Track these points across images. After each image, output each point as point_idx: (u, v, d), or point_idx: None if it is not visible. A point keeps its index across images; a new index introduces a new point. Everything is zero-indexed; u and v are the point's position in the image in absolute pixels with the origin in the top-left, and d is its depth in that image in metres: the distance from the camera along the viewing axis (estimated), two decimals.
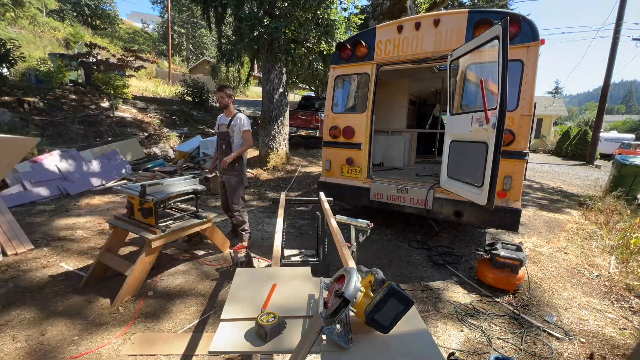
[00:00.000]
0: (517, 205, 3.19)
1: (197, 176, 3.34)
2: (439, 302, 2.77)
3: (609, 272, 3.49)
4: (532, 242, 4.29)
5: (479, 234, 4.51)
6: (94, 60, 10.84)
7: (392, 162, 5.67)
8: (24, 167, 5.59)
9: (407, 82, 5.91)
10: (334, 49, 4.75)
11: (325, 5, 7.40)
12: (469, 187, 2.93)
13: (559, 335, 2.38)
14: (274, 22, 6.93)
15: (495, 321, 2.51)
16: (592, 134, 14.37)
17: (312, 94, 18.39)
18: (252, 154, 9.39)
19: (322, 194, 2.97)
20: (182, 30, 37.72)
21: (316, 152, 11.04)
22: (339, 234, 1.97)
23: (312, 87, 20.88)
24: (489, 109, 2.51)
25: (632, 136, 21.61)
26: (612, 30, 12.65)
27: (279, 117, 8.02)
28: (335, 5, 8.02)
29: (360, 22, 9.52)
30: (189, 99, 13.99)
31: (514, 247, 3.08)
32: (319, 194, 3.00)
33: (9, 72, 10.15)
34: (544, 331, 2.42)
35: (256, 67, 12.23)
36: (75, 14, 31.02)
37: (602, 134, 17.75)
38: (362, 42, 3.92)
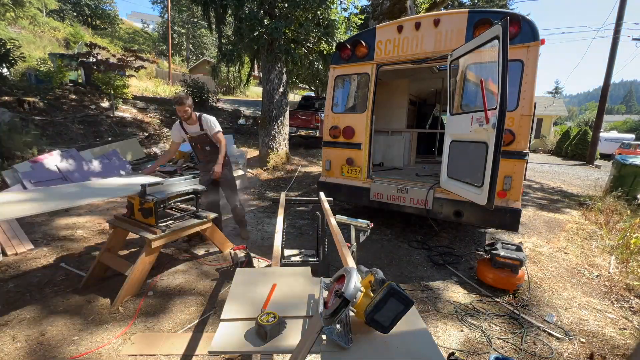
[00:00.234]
0: (517, 205, 3.19)
1: (197, 176, 3.34)
2: (439, 302, 2.77)
3: (609, 272, 3.49)
4: (532, 242, 4.29)
5: (479, 234, 4.51)
6: (94, 60, 10.85)
7: (392, 162, 5.67)
8: (24, 167, 5.59)
9: (407, 82, 5.91)
10: (334, 49, 4.75)
11: (325, 5, 7.40)
12: (469, 187, 2.93)
13: (559, 335, 2.38)
14: (274, 22, 6.93)
15: (495, 321, 2.51)
16: (592, 134, 14.37)
17: (312, 94, 18.39)
18: (252, 153, 9.39)
19: (322, 194, 2.96)
20: (182, 30, 37.72)
21: (316, 152, 11.04)
22: (339, 234, 1.96)
23: (312, 87, 20.89)
24: (489, 109, 2.51)
25: (632, 136, 21.61)
26: (612, 30, 12.66)
27: (279, 117, 8.02)
28: (335, 5, 8.02)
29: (360, 22, 9.53)
30: None
31: (514, 247, 3.08)
32: (319, 194, 3.00)
33: (9, 72, 10.16)
34: (544, 331, 2.42)
35: (256, 67, 12.24)
36: (75, 14, 31.03)
37: (602, 134, 17.75)
38: (362, 42, 3.91)
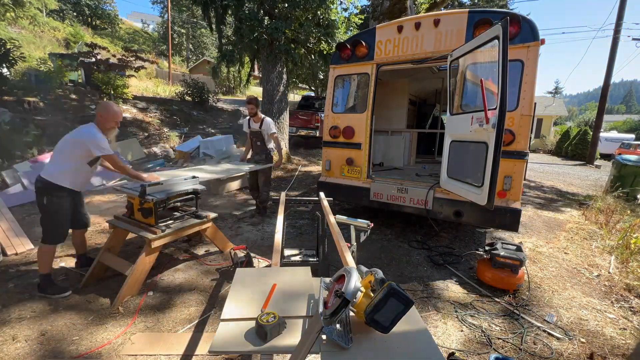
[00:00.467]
0: (517, 205, 3.19)
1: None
2: (439, 302, 2.77)
3: (609, 272, 3.49)
4: (532, 242, 4.29)
5: (479, 234, 4.51)
6: (94, 60, 10.84)
7: (392, 162, 5.67)
8: (24, 166, 5.59)
9: (407, 82, 5.91)
10: (334, 49, 4.75)
11: (325, 5, 7.40)
12: (469, 187, 2.93)
13: (559, 335, 2.38)
14: (274, 22, 6.94)
15: (495, 321, 2.51)
16: (592, 134, 14.37)
17: (312, 94, 18.39)
18: None
19: (322, 194, 2.96)
20: (182, 30, 37.70)
21: (316, 152, 11.04)
22: (339, 233, 1.96)
23: (312, 87, 20.89)
24: (489, 109, 2.51)
25: (632, 136, 21.60)
26: (612, 30, 12.67)
27: (279, 117, 8.03)
28: (335, 5, 8.02)
29: (360, 22, 9.53)
30: (189, 99, 13.98)
31: (514, 247, 3.08)
32: (318, 194, 3.00)
33: (9, 72, 10.14)
34: (544, 331, 2.42)
35: (256, 67, 12.24)
36: (75, 14, 31.00)
37: (602, 134, 17.73)
38: (362, 42, 3.91)
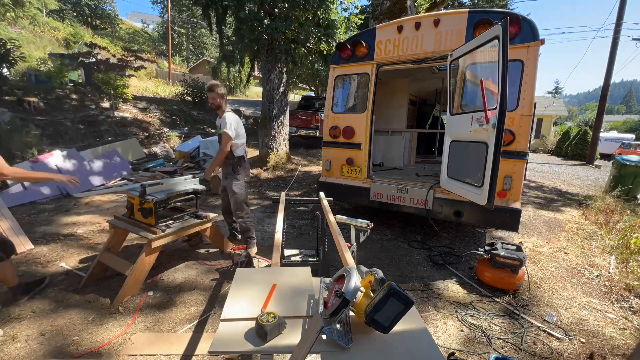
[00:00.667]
0: (517, 205, 3.19)
1: (197, 176, 3.34)
2: (439, 302, 2.77)
3: (609, 272, 3.49)
4: (532, 242, 4.29)
5: (479, 234, 4.51)
6: (94, 60, 10.85)
7: (392, 162, 5.67)
8: (24, 167, 5.59)
9: (407, 82, 5.91)
10: (334, 49, 4.75)
11: (325, 5, 7.39)
12: (469, 187, 2.93)
13: (559, 335, 2.38)
14: (274, 22, 6.93)
15: (495, 321, 2.51)
16: (592, 134, 14.35)
17: (312, 94, 18.40)
18: (252, 153, 9.39)
19: (322, 194, 2.96)
20: (182, 30, 37.72)
21: (316, 152, 11.04)
22: (339, 233, 1.96)
23: (312, 87, 20.90)
24: (489, 109, 2.51)
25: (632, 136, 21.59)
26: (612, 30, 12.66)
27: (279, 117, 8.02)
28: (335, 5, 8.01)
29: (360, 22, 9.52)
30: (189, 99, 14.00)
31: (514, 247, 3.08)
32: (318, 194, 3.00)
33: (9, 72, 10.15)
34: (544, 331, 2.42)
35: (256, 67, 12.24)
36: (75, 14, 31.02)
37: (602, 134, 17.73)
38: (362, 42, 3.91)
